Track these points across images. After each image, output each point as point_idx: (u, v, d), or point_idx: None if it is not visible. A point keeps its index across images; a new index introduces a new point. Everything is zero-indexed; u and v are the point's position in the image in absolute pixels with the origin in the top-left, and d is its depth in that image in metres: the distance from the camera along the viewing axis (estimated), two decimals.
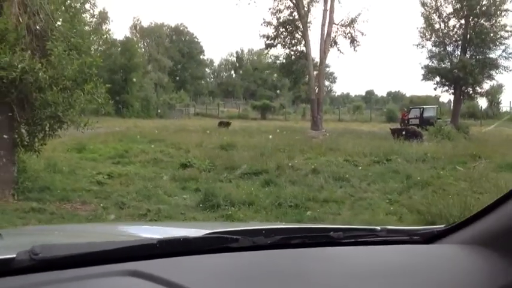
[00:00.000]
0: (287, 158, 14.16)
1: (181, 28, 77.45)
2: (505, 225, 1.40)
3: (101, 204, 8.24)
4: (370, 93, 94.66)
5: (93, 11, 9.97)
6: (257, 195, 9.09)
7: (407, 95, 78.27)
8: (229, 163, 12.97)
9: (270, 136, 21.02)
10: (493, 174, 11.13)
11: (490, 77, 33.55)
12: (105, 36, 11.55)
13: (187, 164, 12.87)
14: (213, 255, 1.40)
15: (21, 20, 7.84)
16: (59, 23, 8.35)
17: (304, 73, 28.79)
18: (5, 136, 8.01)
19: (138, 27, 64.18)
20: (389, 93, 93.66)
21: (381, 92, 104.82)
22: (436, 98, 61.83)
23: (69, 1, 8.98)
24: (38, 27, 8.17)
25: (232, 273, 1.33)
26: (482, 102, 45.71)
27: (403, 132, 19.86)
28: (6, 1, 7.84)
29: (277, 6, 28.39)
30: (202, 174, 11.55)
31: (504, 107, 52.62)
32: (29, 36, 7.96)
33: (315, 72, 26.95)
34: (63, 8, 8.66)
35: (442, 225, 1.69)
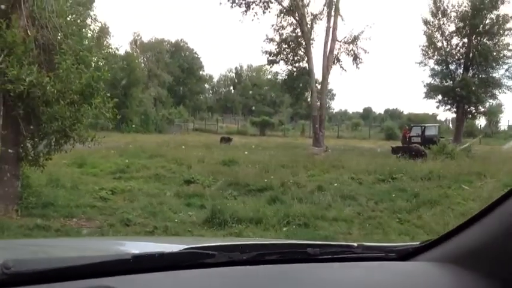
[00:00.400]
0: (291, 174, 14.07)
1: (182, 44, 77.66)
2: (476, 244, 1.41)
3: (106, 221, 8.09)
4: (367, 111, 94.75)
5: (94, 26, 9.90)
6: (264, 212, 8.93)
7: (405, 112, 78.61)
8: (233, 179, 12.85)
9: (272, 152, 21.04)
10: (500, 193, 11.00)
11: (493, 96, 33.70)
12: (105, 51, 11.50)
13: (191, 180, 12.76)
14: (188, 271, 1.39)
15: (29, 33, 7.75)
16: (66, 37, 8.23)
17: (307, 89, 28.75)
18: (10, 150, 7.87)
19: (138, 42, 64.29)
20: (386, 111, 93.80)
21: (378, 109, 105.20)
22: (434, 116, 62.00)
23: (75, 15, 8.94)
24: (45, 40, 8.07)
25: None
26: (481, 121, 45.81)
27: (407, 150, 19.76)
28: (15, 14, 7.74)
29: (280, 22, 28.38)
30: (206, 191, 11.42)
31: (502, 125, 52.87)
32: (36, 50, 7.87)
33: (318, 89, 26.86)
34: (71, 21, 8.56)
35: (417, 242, 1.69)
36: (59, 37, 8.18)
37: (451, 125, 54.12)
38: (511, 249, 1.30)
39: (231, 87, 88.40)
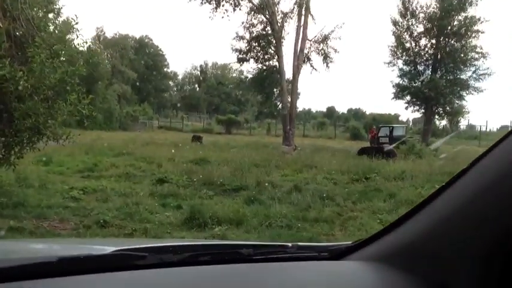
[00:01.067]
0: (264, 173, 13.95)
1: (146, 40, 76.65)
2: (406, 242, 1.42)
3: (82, 223, 7.74)
4: (331, 110, 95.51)
5: (57, 20, 9.49)
6: (244, 213, 8.77)
7: (368, 112, 79.78)
8: (206, 179, 12.64)
9: (242, 151, 20.89)
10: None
11: (460, 97, 34.39)
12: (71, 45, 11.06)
13: (163, 179, 12.46)
14: (118, 273, 1.34)
15: (0, 24, 7.34)
16: (39, 29, 7.85)
17: (277, 88, 28.70)
18: None
19: (101, 38, 62.94)
20: (350, 110, 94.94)
21: (341, 108, 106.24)
22: (396, 116, 63.00)
23: (47, 7, 8.56)
24: (17, 33, 7.68)
25: None
26: (442, 122, 46.74)
27: (378, 150, 19.90)
28: None
29: (251, 20, 28.22)
30: (180, 190, 11.17)
31: (462, 125, 54.18)
32: (7, 43, 7.46)
33: (288, 87, 26.82)
34: (43, 13, 8.18)
35: (350, 242, 1.70)
36: (31, 30, 7.79)
37: (411, 125, 55.21)
38: (435, 248, 1.31)
39: (196, 85, 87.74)
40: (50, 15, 8.58)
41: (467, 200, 1.22)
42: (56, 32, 8.08)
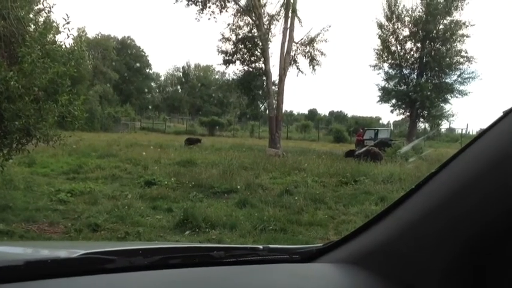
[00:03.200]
0: (253, 176, 13.90)
1: (128, 41, 75.99)
2: (376, 244, 1.43)
3: (73, 226, 7.57)
4: (313, 112, 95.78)
5: (47, 20, 9.26)
6: (237, 217, 8.70)
7: (349, 115, 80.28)
8: (195, 181, 12.54)
9: (227, 153, 20.79)
10: None
11: (445, 101, 34.62)
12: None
13: (151, 181, 12.32)
14: (86, 277, 1.30)
15: None
16: (30, 28, 7.66)
17: (263, 90, 28.62)
18: None
19: (83, 38, 62.14)
20: (331, 113, 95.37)
21: (323, 111, 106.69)
22: (377, 119, 63.50)
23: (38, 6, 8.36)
24: (7, 32, 7.47)
25: None
26: (423, 125, 47.21)
27: (365, 153, 19.97)
28: None
29: (237, 22, 28.06)
30: (170, 193, 11.04)
31: (443, 129, 54.82)
32: None
33: (274, 90, 26.75)
34: (35, 12, 7.99)
35: (321, 244, 1.70)
36: (21, 29, 7.60)
37: (392, 128, 55.58)
38: (405, 250, 1.32)
39: (179, 87, 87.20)
40: (41, 18, 8.32)
41: (437, 202, 1.23)
42: (46, 31, 7.83)
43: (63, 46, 8.31)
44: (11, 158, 7.92)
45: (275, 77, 27.22)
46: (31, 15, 7.87)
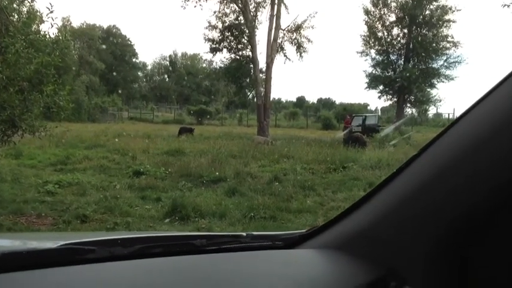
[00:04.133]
0: (242, 164, 13.91)
1: (114, 30, 75.29)
2: (357, 229, 1.43)
3: (61, 218, 7.52)
4: (301, 100, 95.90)
5: (19, 8, 9.10)
6: (226, 205, 8.70)
7: (337, 102, 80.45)
8: (184, 170, 12.50)
9: (216, 142, 20.76)
10: None
11: (432, 86, 34.81)
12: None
13: (140, 171, 12.26)
14: (63, 268, 1.28)
15: None
16: (13, 18, 7.55)
17: (250, 78, 28.55)
18: None
19: (68, 28, 61.45)
20: (319, 100, 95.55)
21: (311, 98, 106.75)
22: (365, 105, 63.69)
23: None
24: None
25: (87, 286, 1.23)
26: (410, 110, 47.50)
27: (351, 139, 20.07)
28: None
29: (223, 9, 27.95)
30: (158, 182, 11.01)
31: (430, 114, 55.17)
32: None
33: (262, 77, 26.69)
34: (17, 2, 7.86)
35: (304, 230, 1.69)
36: (4, 19, 7.48)
37: (380, 114, 55.82)
38: (388, 235, 1.33)
39: (166, 76, 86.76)
40: (25, 8, 8.20)
41: (418, 186, 1.23)
42: (30, 21, 7.72)
43: (48, 36, 8.17)
44: None
45: (262, 64, 27.19)
46: (14, 5, 7.69)
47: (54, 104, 7.65)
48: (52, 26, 7.90)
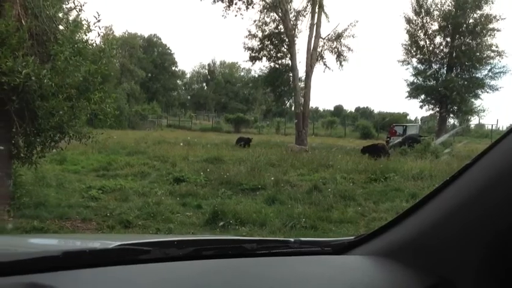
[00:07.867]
0: (281, 173, 13.86)
1: (155, 39, 76.65)
2: (408, 237, 1.44)
3: (105, 223, 7.66)
4: (338, 109, 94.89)
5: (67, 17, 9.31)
6: (266, 214, 8.68)
7: (375, 111, 79.35)
8: (223, 178, 12.54)
9: (254, 150, 20.75)
10: None
11: (476, 96, 34.03)
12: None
13: (180, 178, 12.38)
14: (122, 267, 1.34)
15: (23, 22, 7.24)
16: (61, 26, 7.75)
17: (289, 86, 28.56)
18: (1, 147, 7.34)
19: (110, 37, 62.88)
20: (357, 109, 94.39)
21: (349, 107, 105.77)
22: (405, 115, 62.58)
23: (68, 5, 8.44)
24: (39, 30, 7.56)
25: (143, 285, 1.28)
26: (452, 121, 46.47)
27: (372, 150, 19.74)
28: (7, 2, 7.21)
29: (263, 18, 28.13)
30: (199, 190, 11.09)
31: (472, 124, 53.85)
32: (30, 40, 7.35)
33: (301, 86, 26.61)
34: (65, 10, 8.08)
35: (352, 237, 1.71)
36: (53, 27, 7.69)
37: (420, 124, 54.81)
38: (438, 243, 1.32)
39: (204, 84, 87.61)
40: (71, 17, 8.39)
41: (470, 196, 1.23)
42: (78, 30, 7.91)
43: (94, 44, 8.36)
44: (44, 155, 8.01)
45: (302, 73, 27.10)
46: (60, 14, 7.90)
47: (100, 111, 7.81)
48: (99, 34, 8.09)
